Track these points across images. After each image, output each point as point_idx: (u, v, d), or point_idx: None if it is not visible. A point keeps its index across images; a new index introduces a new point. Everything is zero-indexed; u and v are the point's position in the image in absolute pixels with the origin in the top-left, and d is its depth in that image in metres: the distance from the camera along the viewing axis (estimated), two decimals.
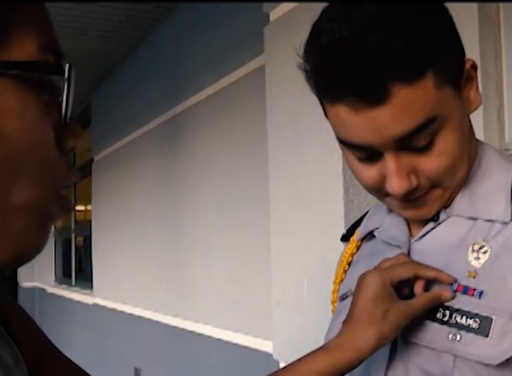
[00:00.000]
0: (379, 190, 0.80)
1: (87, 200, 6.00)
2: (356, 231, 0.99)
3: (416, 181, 0.75)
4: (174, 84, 3.70)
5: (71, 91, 0.51)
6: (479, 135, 1.51)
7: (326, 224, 1.88)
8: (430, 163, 0.75)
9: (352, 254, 0.99)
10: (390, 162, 0.74)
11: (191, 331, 3.44)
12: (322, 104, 0.80)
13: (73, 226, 6.62)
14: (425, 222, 0.83)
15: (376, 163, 0.77)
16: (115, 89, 5.02)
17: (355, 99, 0.71)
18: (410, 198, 0.77)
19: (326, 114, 0.81)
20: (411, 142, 0.73)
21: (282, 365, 2.24)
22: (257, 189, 2.65)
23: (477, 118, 1.53)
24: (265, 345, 2.50)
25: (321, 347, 0.80)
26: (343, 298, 0.95)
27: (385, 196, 0.81)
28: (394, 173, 0.74)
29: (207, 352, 3.28)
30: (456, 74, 0.75)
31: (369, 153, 0.76)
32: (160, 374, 3.97)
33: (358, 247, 0.99)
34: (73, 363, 0.73)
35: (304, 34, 0.77)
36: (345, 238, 1.03)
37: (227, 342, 2.99)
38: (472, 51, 1.44)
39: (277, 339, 2.18)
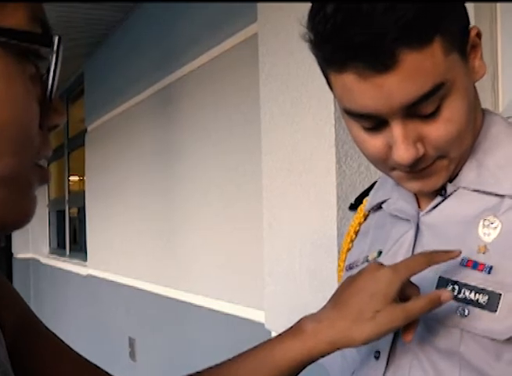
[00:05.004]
0: (384, 162, 0.79)
1: (80, 171, 5.98)
2: (364, 201, 0.99)
3: (422, 149, 0.74)
4: (168, 52, 3.66)
5: (59, 65, 0.50)
6: None
7: (319, 194, 1.87)
8: (437, 130, 0.74)
9: (360, 224, 0.99)
10: (396, 130, 0.73)
11: (184, 301, 3.46)
12: (326, 76, 0.78)
13: (67, 197, 6.60)
14: (433, 196, 0.83)
15: (382, 132, 0.75)
16: (108, 58, 4.96)
17: (363, 66, 0.69)
18: (416, 169, 0.76)
19: (330, 86, 0.79)
20: (418, 109, 0.72)
21: (274, 335, 2.25)
22: (250, 159, 2.64)
23: None
24: (258, 315, 2.51)
25: (298, 328, 0.78)
26: (350, 267, 0.95)
27: (391, 169, 0.80)
28: (401, 141, 0.73)
29: (200, 322, 3.30)
30: (462, 39, 0.75)
31: (375, 122, 0.75)
32: (155, 344, 4.00)
33: (365, 217, 0.98)
34: (54, 334, 0.73)
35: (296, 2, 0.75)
36: (353, 207, 1.03)
37: (220, 312, 3.01)
38: None
39: (269, 309, 2.19)
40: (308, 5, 0.76)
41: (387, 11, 0.67)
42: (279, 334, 0.79)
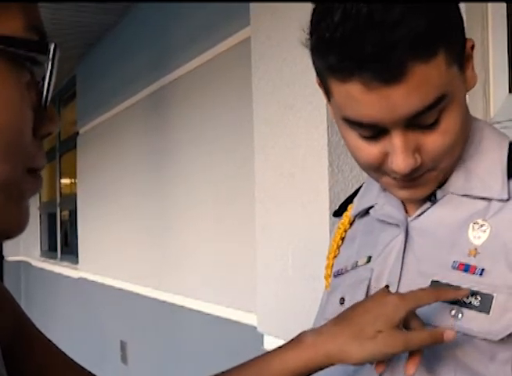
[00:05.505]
0: (377, 169, 0.79)
1: (72, 174, 5.96)
2: (349, 207, 0.99)
3: (420, 159, 0.75)
4: (161, 55, 3.66)
5: (54, 72, 0.50)
6: None
7: (311, 198, 1.87)
8: (434, 141, 0.75)
9: (346, 230, 0.99)
10: (397, 139, 0.74)
11: (176, 304, 3.45)
12: (325, 83, 0.77)
13: (58, 200, 6.58)
14: (421, 201, 0.84)
15: (380, 141, 0.76)
16: (101, 61, 4.96)
17: (371, 76, 0.69)
18: (410, 178, 0.77)
19: (328, 95, 0.79)
20: (419, 120, 0.73)
21: (266, 338, 2.25)
22: (243, 162, 2.64)
23: None
24: (250, 318, 2.51)
25: (297, 339, 0.78)
26: (338, 273, 0.95)
27: (382, 175, 0.80)
28: (401, 151, 0.74)
29: (192, 325, 3.30)
30: (460, 53, 0.76)
31: (374, 131, 0.75)
32: (146, 347, 3.99)
33: (351, 223, 0.99)
34: (46, 338, 0.73)
35: (289, 5, 0.75)
36: (337, 214, 1.03)
37: (212, 316, 3.01)
38: None
39: (261, 312, 2.19)
40: (303, 10, 0.76)
41: (399, 22, 0.67)
42: (278, 347, 0.79)
